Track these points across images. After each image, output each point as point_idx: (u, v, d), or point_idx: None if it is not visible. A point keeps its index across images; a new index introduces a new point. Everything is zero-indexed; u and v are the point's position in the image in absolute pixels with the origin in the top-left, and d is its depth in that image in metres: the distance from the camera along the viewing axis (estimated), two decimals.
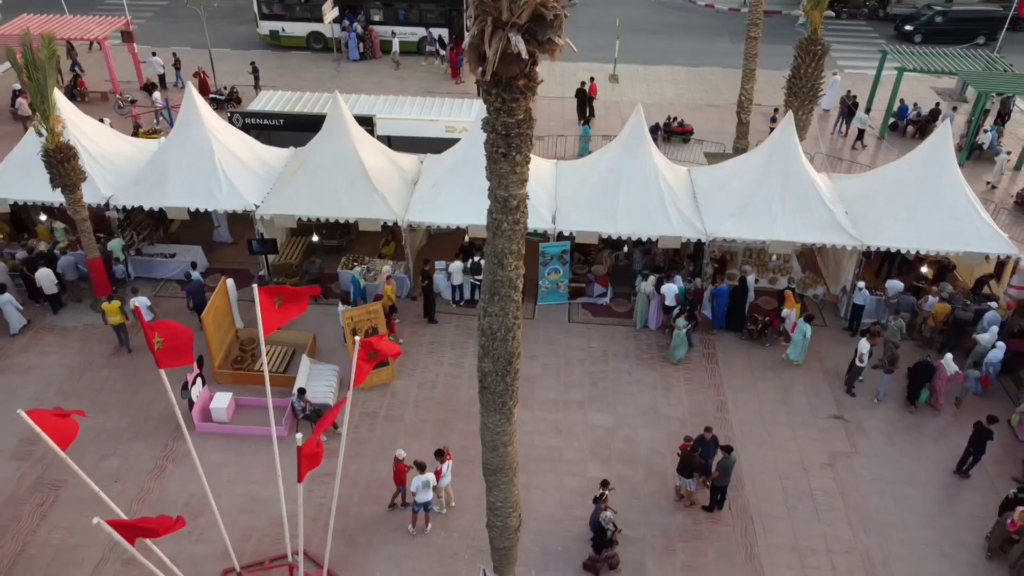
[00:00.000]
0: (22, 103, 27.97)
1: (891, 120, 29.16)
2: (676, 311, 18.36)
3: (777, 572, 14.10)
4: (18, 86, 28.94)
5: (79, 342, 18.95)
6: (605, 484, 14.05)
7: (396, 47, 33.83)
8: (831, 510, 15.26)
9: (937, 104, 29.62)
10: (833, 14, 40.81)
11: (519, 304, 9.44)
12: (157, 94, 28.93)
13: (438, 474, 14.25)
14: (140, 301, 18.11)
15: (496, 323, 9.42)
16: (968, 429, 16.04)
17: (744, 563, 14.23)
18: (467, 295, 20.14)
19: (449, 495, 14.90)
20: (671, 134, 28.00)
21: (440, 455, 14.39)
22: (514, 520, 11.50)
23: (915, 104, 29.91)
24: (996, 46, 34.79)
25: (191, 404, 16.51)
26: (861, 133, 28.28)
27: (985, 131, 27.89)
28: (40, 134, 17.53)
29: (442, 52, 34.15)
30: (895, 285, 19.15)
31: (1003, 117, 29.24)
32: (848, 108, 29.02)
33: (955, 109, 30.04)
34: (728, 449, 14.67)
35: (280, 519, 13.61)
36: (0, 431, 16.41)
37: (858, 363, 17.30)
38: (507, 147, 8.22)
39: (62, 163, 17.66)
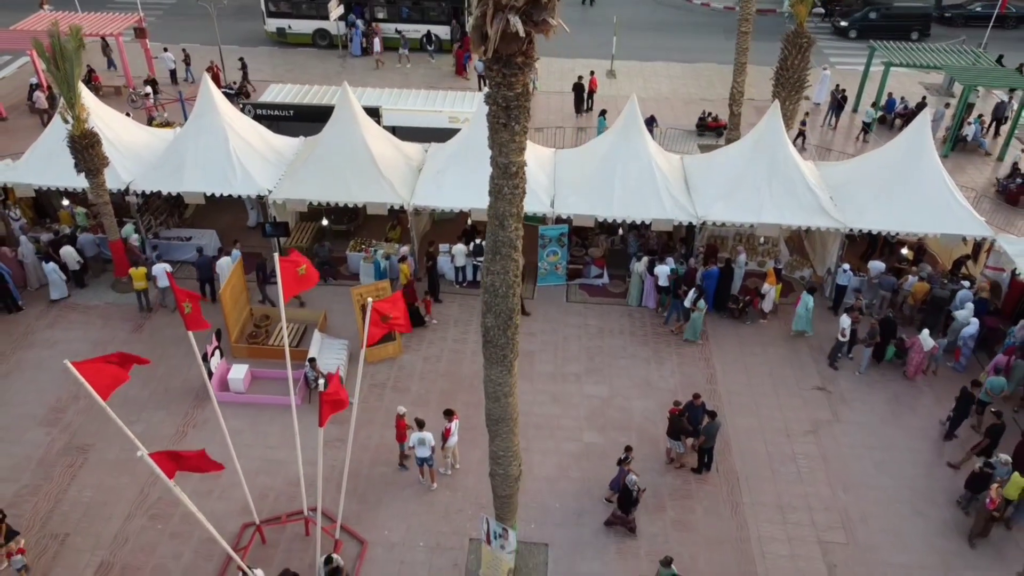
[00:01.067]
0: (39, 96, 28.96)
1: (879, 113, 30.12)
2: (693, 296, 19.13)
3: (761, 527, 15.07)
4: (35, 80, 30.02)
5: (101, 319, 19.94)
6: (629, 449, 15.05)
7: (405, 47, 34.78)
8: (812, 472, 16.24)
9: (923, 98, 30.60)
10: (823, 11, 41.87)
11: (519, 264, 10.43)
12: (148, 88, 29.73)
13: (447, 432, 15.27)
14: (163, 267, 19.32)
15: (498, 280, 10.41)
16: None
17: (730, 518, 15.21)
18: (469, 276, 21.12)
19: (455, 456, 15.88)
20: (705, 129, 28.99)
21: (449, 414, 15.40)
22: (514, 469, 12.48)
23: (902, 98, 30.90)
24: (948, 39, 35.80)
25: (210, 375, 17.47)
26: (867, 126, 29.20)
27: (969, 123, 28.86)
28: (66, 121, 18.52)
29: (429, 48, 35.21)
30: (876, 266, 20.14)
31: (999, 121, 29.84)
32: (837, 102, 30.01)
33: (947, 106, 30.98)
34: (712, 414, 15.66)
35: (295, 479, 14.69)
36: (31, 400, 17.47)
37: (840, 338, 18.28)
38: (507, 118, 9.20)
39: (86, 149, 18.67)
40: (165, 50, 32.79)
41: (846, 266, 19.98)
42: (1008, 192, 25.81)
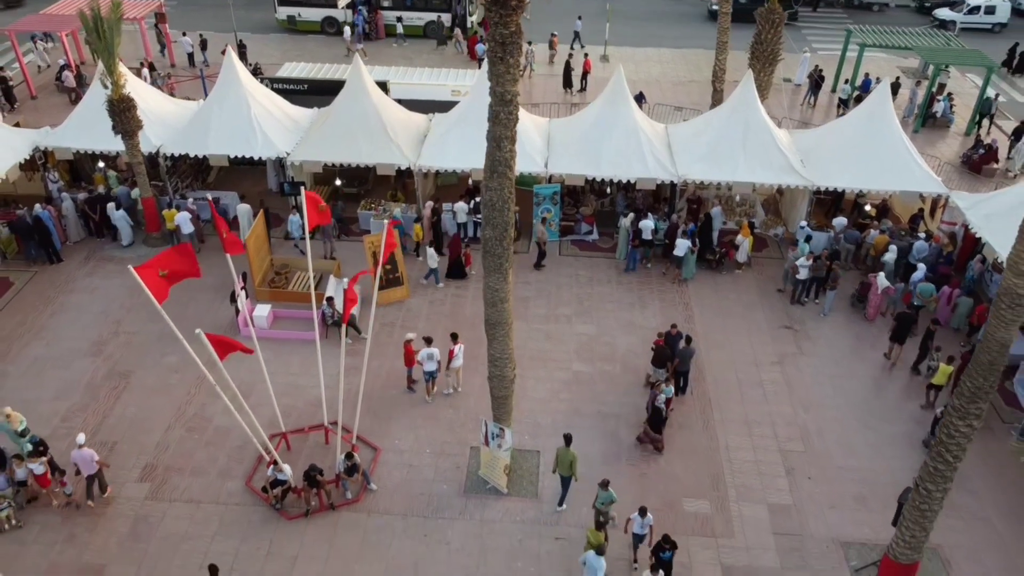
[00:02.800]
0: (68, 75, 30.91)
1: (856, 92, 32.04)
2: (686, 244, 21.14)
3: (729, 439, 16.99)
4: (63, 60, 31.99)
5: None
6: (664, 377, 16.97)
7: (400, 30, 36.92)
8: (777, 395, 18.17)
9: (897, 78, 32.52)
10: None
11: (512, 181, 12.35)
12: (146, 71, 31.55)
13: (451, 353, 17.22)
14: (186, 215, 21.69)
15: (495, 196, 12.35)
16: None
17: (701, 432, 17.14)
18: (471, 233, 23.04)
19: (458, 378, 17.80)
20: None
21: (455, 338, 17.34)
22: (509, 371, 14.42)
23: (878, 78, 32.74)
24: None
25: (237, 312, 19.45)
26: (843, 103, 31.16)
27: (938, 100, 30.80)
28: (106, 87, 20.47)
29: (448, 28, 37.43)
30: (840, 221, 22.07)
31: (990, 117, 30.39)
32: (815, 82, 31.96)
33: (918, 84, 32.91)
34: (688, 340, 17.59)
35: (316, 401, 16.69)
36: (75, 336, 19.41)
37: (795, 275, 20.27)
38: (503, 52, 11.14)
39: (123, 112, 20.63)
40: (184, 35, 34.77)
41: (804, 223, 21.90)
42: (972, 162, 27.74)
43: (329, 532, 14.87)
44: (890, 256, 20.71)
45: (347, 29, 36.45)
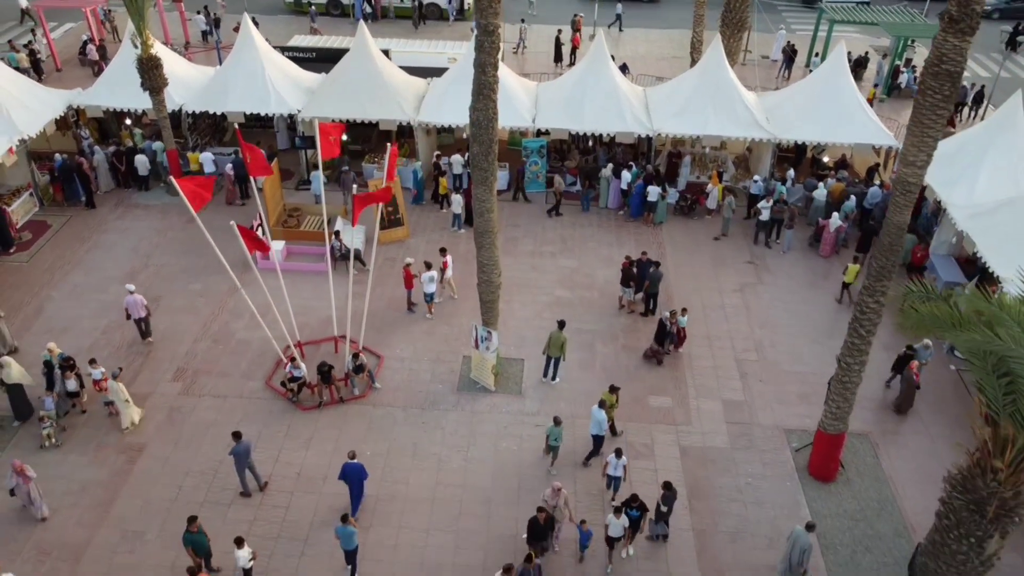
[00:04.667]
0: (91, 49, 33.16)
1: None
2: (659, 190, 23.47)
3: (692, 349, 19.20)
4: (86, 36, 34.25)
5: (160, 214, 24.15)
6: (677, 312, 18.88)
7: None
8: (736, 316, 20.40)
9: (866, 53, 34.73)
10: None
11: (495, 102, 14.56)
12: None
13: (444, 265, 19.48)
14: (208, 155, 24.23)
15: (481, 116, 14.57)
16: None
17: (667, 344, 19.35)
18: (465, 184, 25.26)
19: (452, 287, 20.11)
20: None
21: (444, 251, 19.63)
22: (496, 277, 16.64)
23: (848, 52, 34.99)
24: None
25: None
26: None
27: (903, 72, 33.03)
28: (135, 46, 22.71)
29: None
30: (791, 173, 24.38)
31: (979, 101, 31.97)
32: (788, 56, 34.22)
33: (884, 57, 35.12)
34: (656, 264, 19.82)
35: (327, 319, 18.91)
36: (110, 267, 21.67)
37: (759, 218, 22.54)
38: None
39: (151, 70, 22.86)
40: (198, 12, 37.04)
41: (757, 177, 24.14)
42: None
43: (339, 420, 17.10)
44: (850, 203, 22.89)
45: (312, 10, 38.80)
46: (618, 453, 14.87)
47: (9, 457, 15.87)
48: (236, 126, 22.86)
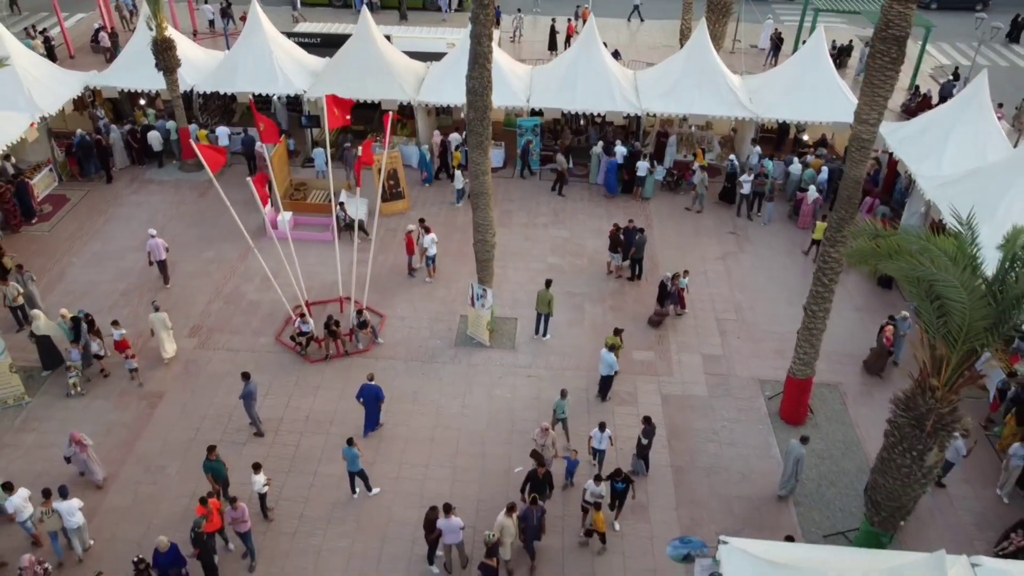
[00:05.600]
0: (103, 36, 34.43)
1: None
2: (647, 165, 24.76)
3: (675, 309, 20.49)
4: (98, 24, 35.52)
5: (173, 189, 25.43)
6: (680, 275, 20.12)
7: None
8: (718, 281, 21.67)
9: (850, 41, 35.98)
10: None
11: (490, 71, 15.82)
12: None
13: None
14: (225, 130, 25.61)
15: (477, 84, 15.84)
16: None
17: (651, 305, 20.59)
18: (463, 161, 26.51)
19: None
20: None
21: (422, 221, 21.21)
22: (490, 237, 17.91)
23: (834, 41, 36.35)
24: None
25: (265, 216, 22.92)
26: None
27: None
28: (151, 28, 23.98)
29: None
30: (757, 150, 25.64)
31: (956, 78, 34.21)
32: (775, 44, 35.51)
33: (867, 45, 36.39)
34: (641, 230, 21.09)
35: (332, 283, 20.17)
36: (126, 236, 22.96)
37: (740, 191, 23.81)
38: None
39: (165, 51, 24.14)
40: (206, 2, 38.33)
41: (732, 156, 25.44)
42: (910, 110, 31.21)
43: (344, 371, 18.37)
44: (821, 175, 24.20)
45: (297, 1, 40.09)
46: (602, 427, 15.36)
47: (40, 403, 17.21)
48: (251, 97, 23.99)
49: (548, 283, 18.92)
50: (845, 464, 16.42)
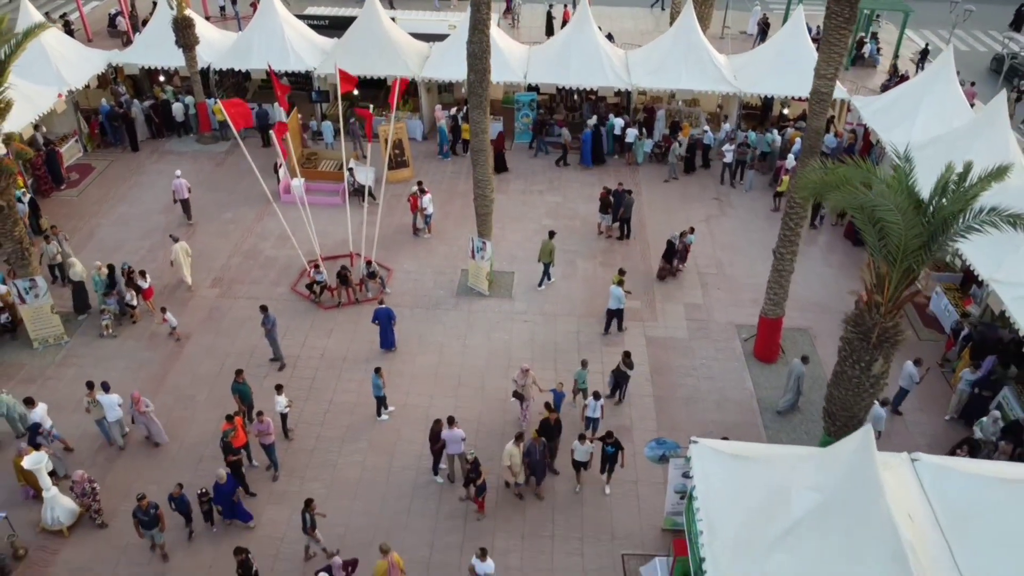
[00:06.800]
0: (121, 21, 36.07)
1: None
2: (636, 133, 26.43)
3: (659, 263, 22.09)
4: (114, 10, 37.15)
5: (191, 159, 27.09)
6: (687, 232, 21.67)
7: None
8: (701, 240, 23.26)
9: None
10: None
11: (489, 37, 17.43)
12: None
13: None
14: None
15: (476, 48, 17.45)
16: None
17: (639, 261, 22.25)
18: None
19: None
20: None
21: (420, 184, 22.84)
22: (489, 192, 19.54)
23: (818, 26, 37.91)
24: None
25: (279, 182, 24.58)
26: None
27: (866, 43, 35.94)
28: (171, 8, 25.62)
29: None
30: (726, 127, 27.23)
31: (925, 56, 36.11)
32: (762, 29, 37.15)
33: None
34: (629, 192, 22.73)
35: (343, 241, 21.77)
36: (150, 200, 24.65)
37: (723, 159, 25.48)
38: None
39: (185, 28, 25.77)
40: None
41: (706, 127, 27.10)
42: (888, 89, 32.81)
43: (356, 317, 20.01)
44: (797, 145, 25.85)
45: None
46: (596, 396, 16.05)
47: (77, 343, 18.87)
48: (269, 65, 25.41)
49: (551, 234, 20.61)
50: (812, 396, 18.01)
